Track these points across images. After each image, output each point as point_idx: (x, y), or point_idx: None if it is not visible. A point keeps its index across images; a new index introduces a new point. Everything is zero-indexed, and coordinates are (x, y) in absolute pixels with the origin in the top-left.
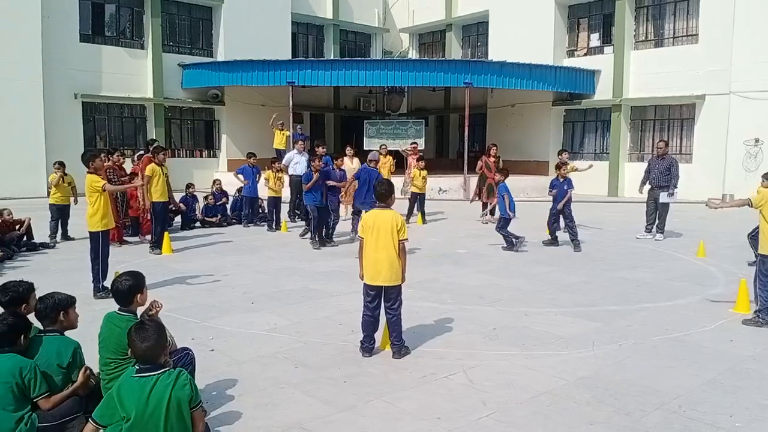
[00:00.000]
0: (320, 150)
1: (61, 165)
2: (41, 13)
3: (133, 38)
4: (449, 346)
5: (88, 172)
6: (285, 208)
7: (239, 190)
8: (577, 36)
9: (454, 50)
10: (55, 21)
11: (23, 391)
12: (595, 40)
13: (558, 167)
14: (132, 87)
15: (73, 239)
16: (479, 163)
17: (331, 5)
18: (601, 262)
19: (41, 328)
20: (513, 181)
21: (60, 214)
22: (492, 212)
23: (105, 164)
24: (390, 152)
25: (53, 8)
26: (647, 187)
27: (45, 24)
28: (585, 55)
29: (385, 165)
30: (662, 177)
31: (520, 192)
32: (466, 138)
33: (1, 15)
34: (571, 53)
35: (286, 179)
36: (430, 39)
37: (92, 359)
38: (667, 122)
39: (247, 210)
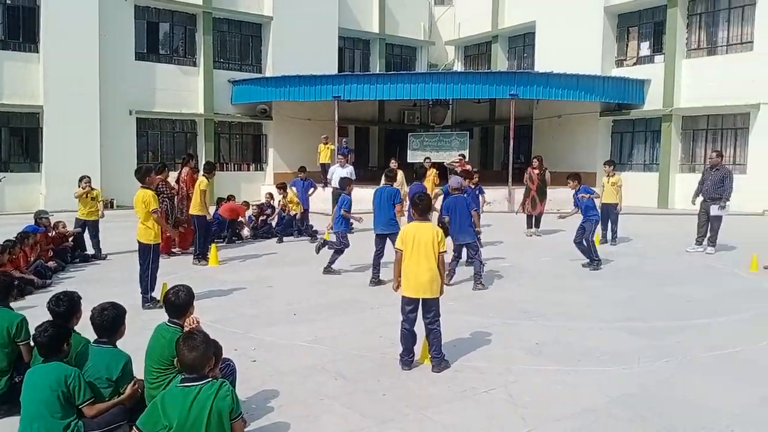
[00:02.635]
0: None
1: (88, 180)
2: (99, 32)
3: (186, 56)
4: (490, 361)
5: (142, 187)
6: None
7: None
8: (627, 45)
9: (500, 62)
10: (112, 40)
11: (68, 399)
12: (645, 49)
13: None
14: (184, 103)
15: (102, 257)
16: (525, 175)
17: (377, 19)
18: (649, 276)
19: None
20: (556, 193)
21: (85, 229)
22: (537, 224)
23: (157, 178)
24: (434, 164)
25: (110, 27)
26: (699, 198)
27: (102, 43)
28: (635, 64)
29: (429, 177)
30: (715, 189)
31: (563, 204)
32: (511, 149)
33: (61, 34)
34: (620, 63)
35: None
36: (476, 51)
37: (138, 369)
38: (720, 132)
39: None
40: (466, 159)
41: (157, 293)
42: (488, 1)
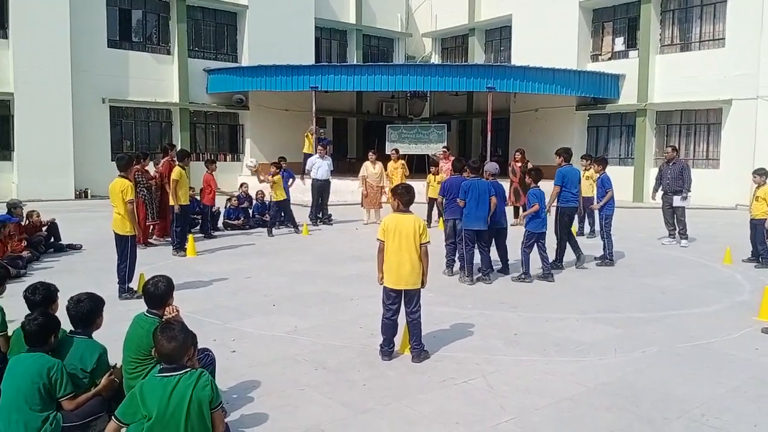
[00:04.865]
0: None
1: None
2: (69, 18)
3: (160, 44)
4: (469, 351)
5: (120, 176)
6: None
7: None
8: (602, 40)
9: (477, 55)
10: (84, 26)
11: (49, 392)
12: (619, 44)
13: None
14: (158, 92)
15: (77, 247)
16: (508, 168)
17: (354, 10)
18: (625, 268)
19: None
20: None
21: None
22: (516, 215)
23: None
24: (401, 156)
25: (81, 13)
26: (660, 193)
27: (73, 29)
28: (609, 59)
29: (397, 170)
30: (675, 182)
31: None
32: (488, 142)
33: (32, 21)
34: (595, 57)
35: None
36: (453, 43)
37: (115, 359)
38: (693, 127)
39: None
40: (450, 151)
41: (135, 284)
42: None
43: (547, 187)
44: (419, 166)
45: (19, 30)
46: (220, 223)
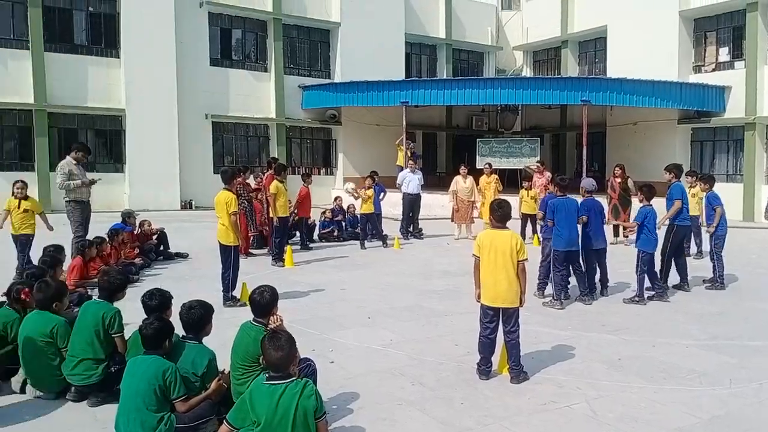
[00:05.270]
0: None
1: (24, 185)
2: (175, 38)
3: (257, 61)
4: (569, 374)
5: (224, 188)
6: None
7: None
8: (705, 50)
9: (570, 67)
10: (188, 46)
11: (164, 393)
12: (724, 54)
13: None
14: (256, 107)
15: (184, 255)
16: (607, 183)
17: (443, 25)
18: (736, 292)
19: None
20: (635, 204)
21: (21, 246)
22: (621, 232)
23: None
24: (494, 171)
25: (186, 34)
26: None
27: (179, 49)
28: (713, 70)
29: (490, 184)
30: None
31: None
32: (584, 157)
33: (142, 42)
34: (697, 69)
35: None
36: (545, 56)
37: (222, 365)
38: None
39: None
40: (544, 165)
41: (237, 292)
42: (557, 5)
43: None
44: (511, 180)
45: (130, 51)
46: (315, 235)
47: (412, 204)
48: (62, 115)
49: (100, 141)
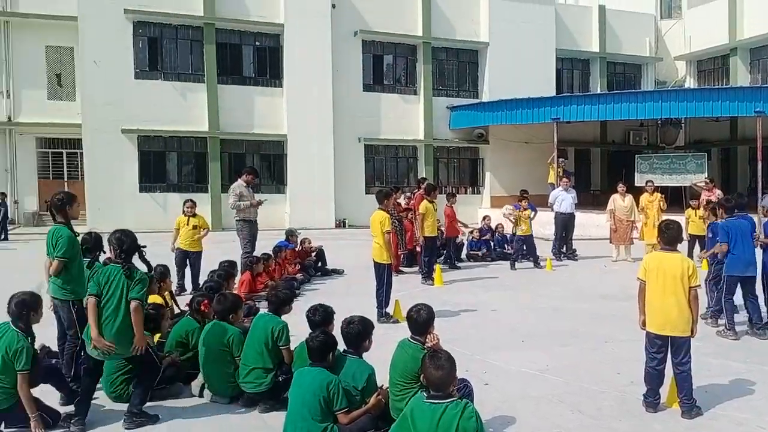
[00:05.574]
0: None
1: (193, 204)
2: (332, 67)
3: (407, 85)
4: (749, 412)
5: (379, 208)
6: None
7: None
8: None
9: (741, 76)
10: (342, 73)
11: (328, 404)
12: None
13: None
14: (405, 130)
15: (340, 272)
16: None
17: (597, 38)
18: None
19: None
20: None
21: (181, 261)
22: None
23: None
24: (657, 189)
25: (342, 62)
26: None
27: (335, 77)
28: None
29: (653, 203)
30: None
31: None
32: (759, 173)
33: (301, 72)
34: None
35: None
36: (711, 65)
37: (380, 381)
38: None
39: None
40: (713, 183)
41: (391, 309)
42: (724, 11)
43: None
44: (674, 198)
45: (292, 81)
46: (463, 255)
47: (565, 224)
48: (232, 141)
49: (264, 164)
